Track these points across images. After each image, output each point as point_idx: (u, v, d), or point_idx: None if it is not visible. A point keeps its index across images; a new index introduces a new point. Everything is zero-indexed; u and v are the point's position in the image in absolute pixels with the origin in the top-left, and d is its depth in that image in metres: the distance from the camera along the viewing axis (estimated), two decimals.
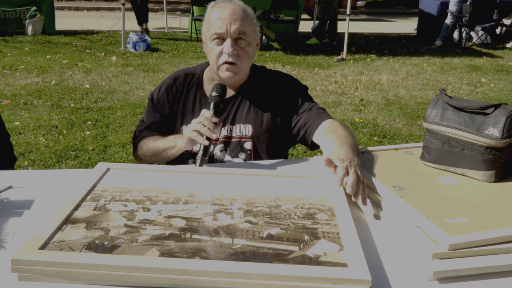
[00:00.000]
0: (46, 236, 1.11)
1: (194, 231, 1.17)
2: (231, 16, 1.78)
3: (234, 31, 1.79)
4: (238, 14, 1.79)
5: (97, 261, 1.03)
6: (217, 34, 1.80)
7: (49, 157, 3.99)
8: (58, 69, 7.08)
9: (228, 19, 1.78)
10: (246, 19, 1.81)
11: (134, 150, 2.01)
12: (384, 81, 7.16)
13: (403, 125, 5.17)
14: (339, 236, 1.17)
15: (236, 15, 1.79)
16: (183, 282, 1.02)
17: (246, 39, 1.82)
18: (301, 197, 1.39)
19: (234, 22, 1.78)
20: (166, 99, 1.97)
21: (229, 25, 1.78)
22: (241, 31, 1.80)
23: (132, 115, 5.14)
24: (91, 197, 1.33)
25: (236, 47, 1.81)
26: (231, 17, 1.78)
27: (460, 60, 8.88)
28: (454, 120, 1.53)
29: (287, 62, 8.34)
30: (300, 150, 4.28)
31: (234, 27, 1.78)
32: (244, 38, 1.81)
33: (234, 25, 1.78)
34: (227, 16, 1.78)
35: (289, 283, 1.01)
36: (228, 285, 1.02)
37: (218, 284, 1.02)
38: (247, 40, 1.82)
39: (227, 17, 1.78)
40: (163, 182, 1.46)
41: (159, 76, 6.90)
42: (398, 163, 1.64)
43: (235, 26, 1.78)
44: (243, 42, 1.82)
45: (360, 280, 1.00)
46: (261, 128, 1.91)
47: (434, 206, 1.31)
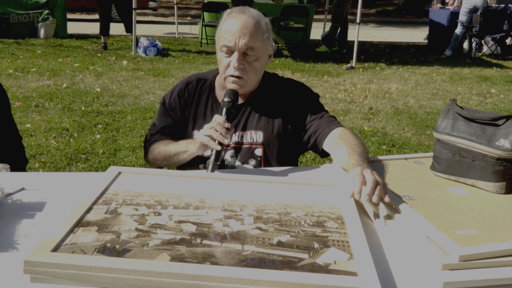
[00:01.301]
0: (58, 238, 1.12)
1: (205, 237, 1.17)
2: (241, 30, 1.77)
3: (242, 46, 1.77)
4: (248, 28, 1.77)
5: (108, 264, 1.04)
6: (226, 46, 1.79)
7: (60, 160, 4.01)
8: (69, 72, 7.13)
9: (238, 33, 1.77)
10: (257, 34, 1.79)
11: (145, 153, 2.02)
12: (393, 90, 7.15)
13: (412, 135, 5.15)
14: (349, 245, 1.17)
15: (246, 29, 1.77)
16: (193, 287, 1.02)
17: (254, 55, 1.81)
18: (311, 204, 1.39)
19: (243, 36, 1.77)
20: (178, 103, 1.98)
21: (238, 39, 1.77)
22: (249, 47, 1.78)
23: (142, 119, 5.16)
24: (103, 201, 1.34)
25: (243, 61, 1.80)
26: (240, 31, 1.77)
27: (469, 70, 8.84)
28: (465, 130, 1.53)
29: (296, 69, 8.35)
30: (308, 157, 4.28)
31: (243, 42, 1.77)
32: (252, 53, 1.80)
33: (243, 39, 1.77)
34: (237, 30, 1.77)
35: None
36: None
37: None
38: (255, 55, 1.81)
39: (236, 31, 1.77)
40: (174, 187, 1.46)
41: (169, 81, 6.93)
42: (408, 172, 1.64)
43: (244, 41, 1.77)
44: (251, 57, 1.81)
45: None
46: (272, 135, 1.91)
47: (444, 216, 1.31)
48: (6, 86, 6.05)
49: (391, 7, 19.54)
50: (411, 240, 1.25)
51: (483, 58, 10.31)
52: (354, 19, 8.86)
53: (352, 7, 9.96)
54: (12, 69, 7.07)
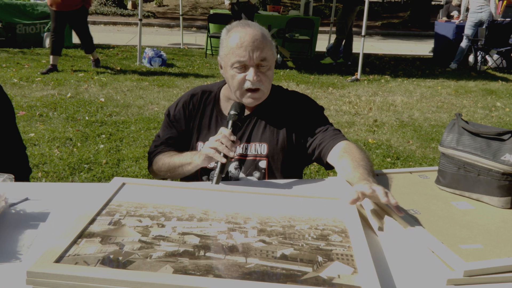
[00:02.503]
0: (61, 249, 1.12)
1: (208, 249, 1.17)
2: (253, 43, 1.78)
3: (257, 58, 1.79)
4: (258, 40, 1.79)
5: (111, 276, 1.04)
6: (239, 62, 1.80)
7: (63, 169, 4.03)
8: (74, 82, 7.17)
9: (250, 47, 1.78)
10: (266, 44, 1.82)
11: (149, 164, 2.03)
12: (398, 103, 7.15)
13: (417, 147, 5.15)
14: (353, 259, 1.17)
15: (257, 41, 1.79)
16: None
17: (267, 64, 1.83)
18: (315, 217, 1.39)
19: (256, 49, 1.78)
20: (182, 115, 1.99)
21: (251, 52, 1.78)
22: (263, 58, 1.80)
23: (146, 129, 5.18)
24: (107, 212, 1.35)
25: (259, 73, 1.82)
26: (252, 44, 1.78)
27: (475, 84, 8.85)
28: (470, 145, 1.53)
29: (301, 81, 8.37)
30: (312, 169, 4.28)
31: (257, 55, 1.79)
32: (265, 64, 1.82)
33: (256, 52, 1.78)
34: (249, 44, 1.78)
35: None
36: None
37: None
38: (268, 65, 1.83)
39: (248, 45, 1.78)
40: (178, 199, 1.47)
41: (174, 92, 6.96)
42: (413, 186, 1.64)
43: (257, 53, 1.79)
44: (265, 68, 1.83)
45: None
46: (276, 147, 1.92)
47: (449, 231, 1.31)
48: (10, 95, 6.09)
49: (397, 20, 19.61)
50: (415, 254, 1.24)
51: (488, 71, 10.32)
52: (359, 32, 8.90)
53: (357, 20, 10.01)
54: (17, 78, 7.11)
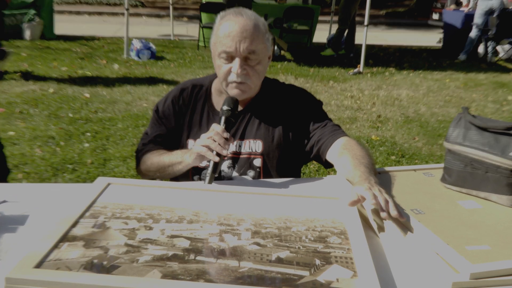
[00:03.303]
0: (42, 254, 1.12)
1: (199, 252, 1.18)
2: (241, 33, 1.78)
3: (244, 50, 1.79)
4: (248, 31, 1.78)
5: (96, 282, 1.04)
6: (225, 52, 1.80)
7: (45, 170, 4.02)
8: (56, 76, 7.16)
9: (238, 37, 1.78)
10: (257, 36, 1.81)
11: (137, 164, 2.03)
12: (404, 97, 7.17)
13: (423, 144, 5.16)
14: (352, 262, 1.18)
15: (246, 32, 1.78)
16: None
17: (256, 58, 1.82)
18: (312, 218, 1.40)
19: (244, 40, 1.78)
20: (172, 111, 1.99)
21: (239, 43, 1.78)
22: (251, 50, 1.79)
23: (134, 127, 5.18)
24: (90, 214, 1.35)
25: (245, 66, 1.81)
26: (240, 34, 1.78)
27: (485, 76, 8.87)
28: (478, 140, 1.54)
29: (300, 74, 8.38)
30: (312, 168, 4.29)
31: (244, 46, 1.78)
32: (254, 57, 1.81)
33: (244, 43, 1.78)
34: (237, 34, 1.78)
35: None
36: None
37: None
38: (257, 58, 1.82)
39: (236, 35, 1.78)
40: (167, 200, 1.47)
41: (164, 87, 6.95)
42: (417, 185, 1.65)
43: (245, 44, 1.78)
44: (253, 61, 1.82)
45: None
46: (272, 145, 1.92)
47: (454, 231, 1.31)
48: None
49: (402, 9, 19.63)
50: (419, 256, 1.25)
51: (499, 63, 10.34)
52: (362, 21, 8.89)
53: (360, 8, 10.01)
54: None
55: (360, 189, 1.42)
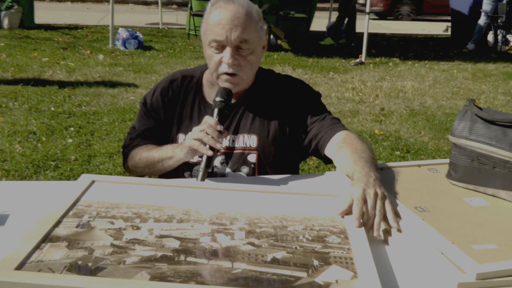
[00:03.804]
0: (23, 255, 1.12)
1: (189, 253, 1.18)
2: (232, 21, 1.78)
3: (235, 39, 1.79)
4: (240, 19, 1.78)
5: (80, 284, 1.05)
6: (216, 41, 1.80)
7: (26, 167, 4.02)
8: (37, 68, 7.14)
9: (229, 25, 1.78)
10: (250, 24, 1.81)
11: (124, 160, 2.03)
12: (408, 89, 7.18)
13: (430, 139, 5.18)
14: (352, 262, 1.18)
15: (238, 20, 1.78)
16: None
17: (248, 48, 1.82)
18: (310, 217, 1.40)
19: (235, 28, 1.78)
20: (161, 103, 1.99)
21: (229, 32, 1.78)
22: (243, 39, 1.80)
23: (120, 121, 5.18)
24: (74, 213, 1.35)
25: (237, 56, 1.82)
26: (231, 22, 1.78)
27: (495, 66, 8.90)
28: (484, 134, 1.55)
29: (297, 65, 8.38)
30: (311, 164, 4.30)
31: (235, 35, 1.78)
32: (246, 47, 1.82)
33: (235, 32, 1.78)
34: (228, 21, 1.78)
35: None
36: None
37: None
38: (250, 48, 1.83)
39: (227, 23, 1.78)
40: (155, 198, 1.47)
41: (152, 78, 6.95)
42: (421, 181, 1.66)
43: (236, 33, 1.78)
44: (246, 51, 1.82)
45: None
46: (267, 139, 1.93)
47: (460, 230, 1.32)
48: None
49: None
50: (423, 256, 1.26)
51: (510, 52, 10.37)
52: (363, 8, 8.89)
53: None
54: None
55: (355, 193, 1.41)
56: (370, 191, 1.41)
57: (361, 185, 1.44)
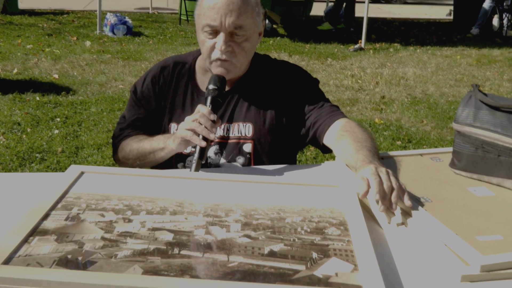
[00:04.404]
0: (10, 249, 1.13)
1: (183, 246, 1.19)
2: (227, 6, 1.77)
3: (229, 24, 1.78)
4: (235, 4, 1.77)
5: (70, 279, 1.05)
6: (209, 26, 1.80)
7: (10, 160, 4.01)
8: (21, 55, 7.10)
9: (223, 10, 1.77)
10: (246, 10, 1.80)
11: (114, 151, 2.03)
12: (410, 76, 7.18)
13: (432, 128, 5.19)
14: (353, 254, 1.19)
15: (234, 4, 1.77)
16: None
17: (243, 34, 1.82)
18: (309, 208, 1.41)
19: (230, 13, 1.77)
20: (152, 91, 1.99)
21: (224, 17, 1.77)
22: (238, 25, 1.79)
23: (109, 111, 5.16)
24: (62, 205, 1.35)
25: (231, 42, 1.81)
26: (227, 7, 1.77)
27: (500, 52, 8.90)
28: (489, 121, 1.55)
29: (294, 51, 8.37)
30: (309, 155, 4.31)
31: (230, 20, 1.78)
32: (241, 33, 1.81)
33: (230, 17, 1.77)
34: (222, 6, 1.77)
35: None
36: None
37: None
38: (245, 34, 1.82)
39: (222, 7, 1.77)
40: (147, 189, 1.48)
41: (142, 66, 6.92)
42: (423, 170, 1.67)
43: (231, 19, 1.77)
44: (240, 37, 1.82)
45: None
46: (263, 128, 1.93)
47: (464, 221, 1.33)
48: None
49: None
50: (425, 248, 1.27)
51: None
52: None
53: None
54: None
55: (366, 172, 1.43)
56: (382, 169, 1.43)
57: (371, 165, 1.45)
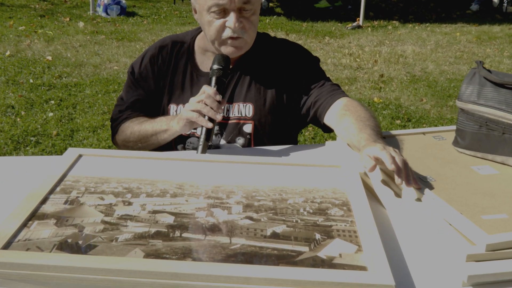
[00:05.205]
0: (9, 234, 1.13)
1: (185, 229, 1.19)
2: None
3: (239, 1, 1.77)
4: None
5: (70, 263, 1.05)
6: (217, 5, 1.77)
7: (5, 143, 4.00)
8: (13, 37, 7.06)
9: None
10: None
11: (113, 134, 2.02)
12: (409, 53, 7.16)
13: (432, 106, 5.18)
14: (356, 235, 1.19)
15: None
16: (172, 287, 1.04)
17: (251, 8, 1.80)
18: (311, 189, 1.41)
19: None
20: (150, 72, 1.98)
21: None
22: (246, 0, 1.78)
23: (104, 93, 5.14)
24: (61, 189, 1.35)
25: (241, 18, 1.80)
26: None
27: (500, 28, 8.87)
28: (494, 98, 1.55)
29: (291, 29, 8.32)
30: (307, 135, 4.30)
31: None
32: (249, 7, 1.80)
33: None
34: None
35: None
36: None
37: None
38: (252, 8, 1.81)
39: None
40: (147, 172, 1.48)
41: (136, 46, 6.88)
42: (426, 149, 1.66)
43: None
44: (248, 12, 1.80)
45: (381, 286, 1.02)
46: (263, 108, 1.92)
47: (468, 200, 1.33)
48: None
49: None
50: (430, 228, 1.27)
51: None
52: None
53: None
54: None
55: (374, 150, 1.42)
56: (389, 147, 1.43)
57: (377, 144, 1.44)
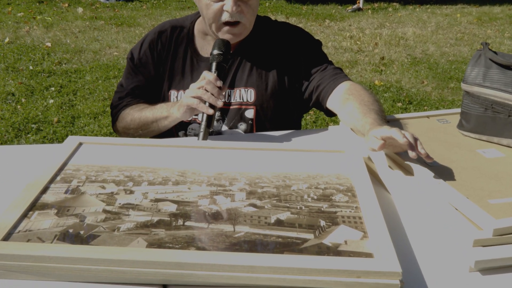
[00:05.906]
0: (9, 225, 1.11)
1: (187, 217, 1.18)
2: None
3: None
4: None
5: (73, 254, 1.04)
6: None
7: (6, 131, 4.00)
8: (12, 24, 7.04)
9: None
10: None
11: (113, 121, 2.01)
12: (410, 36, 7.14)
13: (433, 89, 5.18)
14: (361, 221, 1.18)
15: None
16: (176, 277, 1.03)
17: None
18: (315, 175, 1.39)
19: None
20: (150, 57, 1.96)
21: None
22: None
23: (104, 79, 5.13)
24: (62, 178, 1.34)
25: (239, 2, 1.77)
26: None
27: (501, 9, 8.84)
28: (500, 80, 1.53)
29: (291, 13, 8.30)
30: (309, 119, 4.29)
31: None
32: None
33: None
34: None
35: (304, 277, 1.02)
36: (230, 281, 1.03)
37: (218, 280, 1.03)
38: None
39: None
40: (148, 159, 1.46)
41: (136, 32, 6.86)
42: (431, 133, 1.65)
43: None
44: None
45: (388, 273, 1.01)
46: (265, 93, 1.91)
47: (475, 184, 1.32)
48: None
49: None
50: (436, 213, 1.26)
51: None
52: None
53: None
54: None
55: (381, 130, 1.38)
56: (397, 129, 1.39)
57: (383, 126, 1.41)
